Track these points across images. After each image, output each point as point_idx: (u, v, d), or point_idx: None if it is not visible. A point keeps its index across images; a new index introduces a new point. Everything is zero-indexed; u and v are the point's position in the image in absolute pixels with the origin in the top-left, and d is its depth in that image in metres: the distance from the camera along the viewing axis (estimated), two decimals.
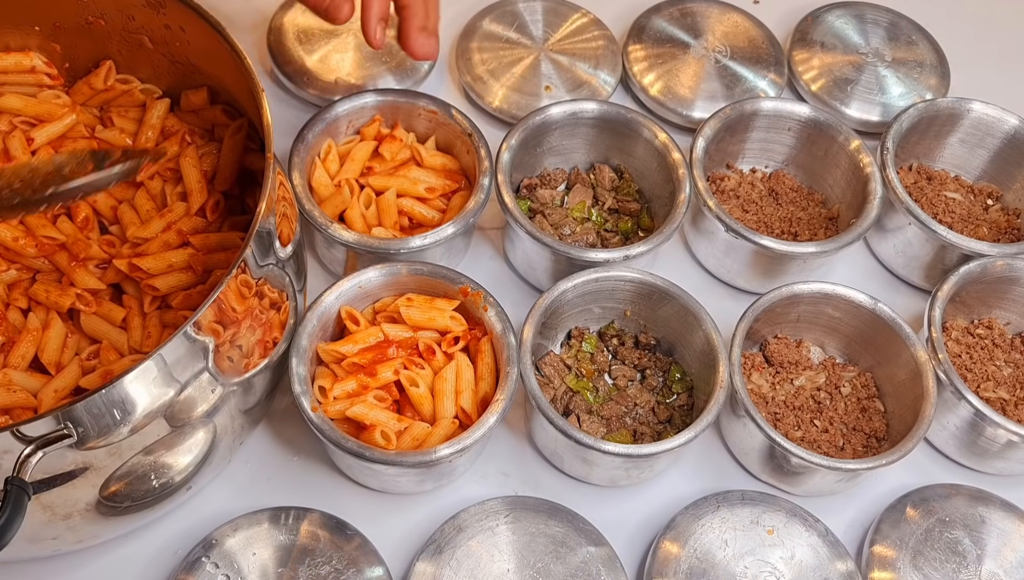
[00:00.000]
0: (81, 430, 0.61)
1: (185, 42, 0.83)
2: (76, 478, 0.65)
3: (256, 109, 0.74)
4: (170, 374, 0.64)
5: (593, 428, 0.84)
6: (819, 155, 1.01)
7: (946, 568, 0.82)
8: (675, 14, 1.14)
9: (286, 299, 0.76)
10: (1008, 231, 1.02)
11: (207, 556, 0.76)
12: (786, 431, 0.87)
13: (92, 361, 0.78)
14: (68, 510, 0.68)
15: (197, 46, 0.83)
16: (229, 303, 0.66)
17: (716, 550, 0.81)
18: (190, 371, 0.66)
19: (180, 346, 0.64)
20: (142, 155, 0.75)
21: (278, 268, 0.73)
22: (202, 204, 0.83)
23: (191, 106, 0.89)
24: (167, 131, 0.88)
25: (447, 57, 1.11)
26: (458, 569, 0.78)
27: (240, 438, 0.77)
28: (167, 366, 0.64)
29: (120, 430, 0.63)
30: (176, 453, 0.70)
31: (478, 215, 0.89)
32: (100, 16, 0.84)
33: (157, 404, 0.64)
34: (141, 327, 0.79)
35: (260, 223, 0.67)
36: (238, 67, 0.76)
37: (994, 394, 0.91)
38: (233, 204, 0.86)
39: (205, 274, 0.80)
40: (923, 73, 1.13)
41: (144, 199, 0.85)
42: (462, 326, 0.83)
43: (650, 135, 0.96)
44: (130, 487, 0.69)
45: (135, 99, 0.89)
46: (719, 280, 0.99)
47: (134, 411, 0.63)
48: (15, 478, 0.59)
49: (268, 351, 0.74)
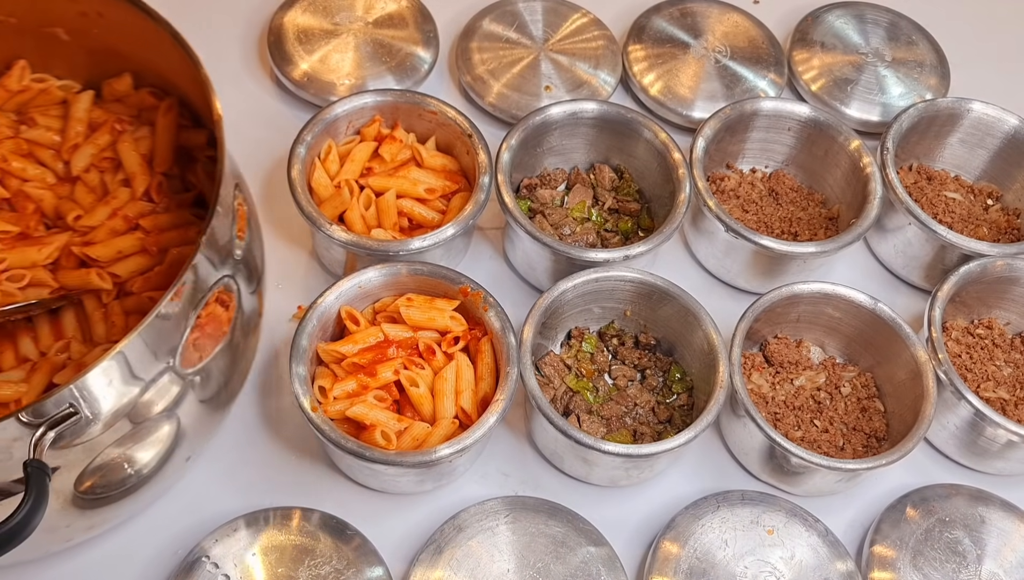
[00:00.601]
0: (86, 407, 0.61)
1: (105, 28, 0.81)
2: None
3: (193, 85, 0.72)
4: (153, 355, 0.64)
5: (593, 428, 0.84)
6: (819, 155, 1.01)
7: (946, 568, 0.82)
8: (675, 14, 1.14)
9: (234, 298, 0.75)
10: (1008, 231, 1.02)
11: (207, 556, 0.76)
12: (786, 431, 0.87)
13: (61, 355, 0.77)
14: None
15: (118, 30, 0.81)
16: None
17: (716, 550, 0.81)
18: (154, 370, 0.65)
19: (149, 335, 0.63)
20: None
21: (228, 278, 0.72)
22: (146, 187, 0.82)
23: (115, 94, 0.86)
24: (94, 123, 0.85)
25: (447, 57, 1.11)
26: (458, 569, 0.78)
27: (201, 433, 0.77)
28: (149, 348, 0.63)
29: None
30: (141, 447, 0.70)
31: (478, 215, 0.89)
32: (10, 14, 0.82)
33: (127, 399, 0.64)
34: (103, 320, 0.78)
35: (207, 237, 0.66)
36: (166, 44, 0.74)
37: (994, 394, 0.91)
38: (175, 184, 0.85)
39: (161, 254, 0.80)
40: (923, 73, 1.13)
41: (84, 192, 0.83)
42: (462, 326, 0.83)
43: (650, 135, 0.96)
44: (103, 480, 0.68)
45: (54, 97, 0.87)
46: (719, 280, 0.99)
47: (100, 411, 0.63)
48: (33, 460, 0.58)
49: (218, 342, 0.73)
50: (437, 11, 1.10)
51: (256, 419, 0.86)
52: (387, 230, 0.90)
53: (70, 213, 0.82)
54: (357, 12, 1.08)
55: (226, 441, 0.84)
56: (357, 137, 0.95)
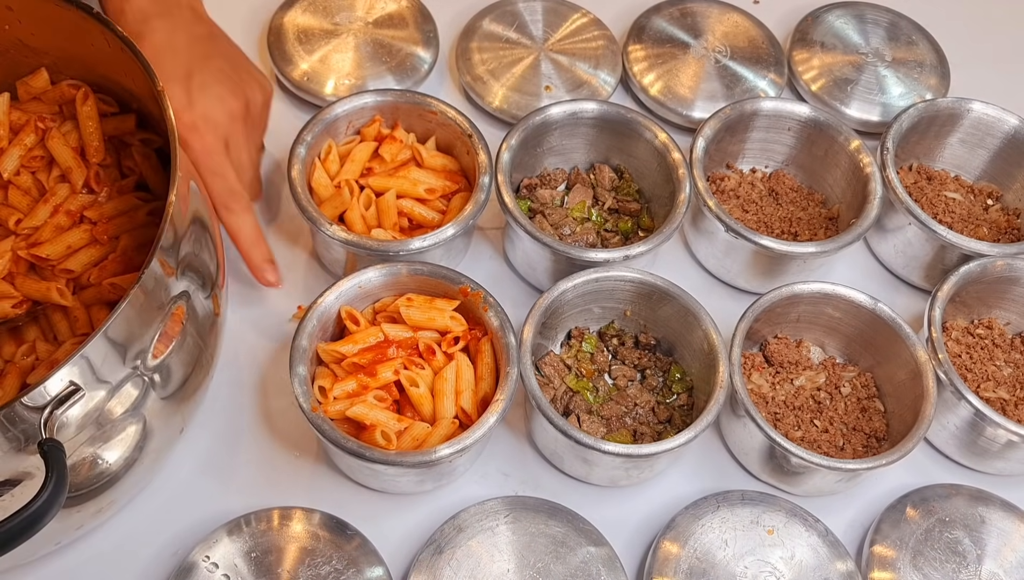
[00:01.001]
0: (86, 384, 0.61)
1: (15, 22, 0.78)
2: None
3: (120, 68, 0.70)
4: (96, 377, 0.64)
5: (593, 428, 0.84)
6: (819, 155, 1.01)
7: (946, 568, 0.82)
8: (675, 14, 1.14)
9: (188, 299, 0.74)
10: (1008, 231, 1.02)
11: (207, 556, 0.76)
12: (786, 431, 0.87)
13: (29, 358, 0.77)
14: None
15: (29, 23, 0.78)
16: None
17: (716, 550, 0.81)
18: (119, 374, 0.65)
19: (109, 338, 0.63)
20: None
21: (181, 278, 0.71)
22: (84, 179, 0.81)
23: (32, 92, 0.84)
24: (15, 125, 0.83)
25: (447, 57, 1.11)
26: (458, 569, 0.78)
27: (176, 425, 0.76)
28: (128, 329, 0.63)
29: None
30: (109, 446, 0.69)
31: (478, 215, 0.89)
32: None
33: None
34: (65, 318, 0.78)
35: (160, 243, 0.65)
36: (84, 29, 0.72)
37: (994, 394, 0.91)
38: (112, 172, 0.84)
39: (113, 242, 0.79)
40: (923, 73, 1.13)
41: (18, 195, 0.82)
42: (462, 326, 0.83)
43: (650, 135, 0.96)
44: (79, 478, 0.68)
45: None
46: (719, 280, 0.99)
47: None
48: (48, 439, 0.58)
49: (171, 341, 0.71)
50: (437, 11, 1.10)
51: (255, 419, 0.86)
52: (387, 230, 0.90)
53: (9, 218, 0.80)
54: (357, 12, 1.08)
55: (226, 441, 0.84)
56: (357, 137, 0.95)
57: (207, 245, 0.74)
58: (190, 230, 0.71)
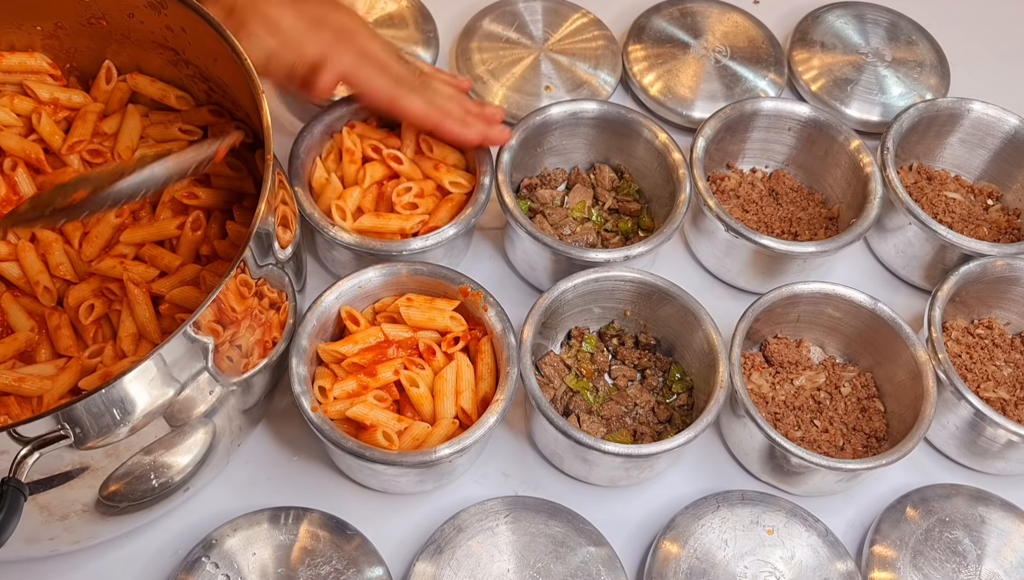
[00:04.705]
0: (79, 431, 0.61)
1: (187, 43, 0.83)
2: (74, 479, 0.65)
3: (256, 110, 0.74)
4: (169, 374, 0.64)
5: (593, 428, 0.84)
6: (819, 155, 1.01)
7: (946, 568, 0.82)
8: (675, 14, 1.14)
9: (285, 299, 0.76)
10: (1008, 231, 1.02)
11: (207, 556, 0.76)
12: (786, 431, 0.87)
13: (94, 359, 0.78)
14: (65, 510, 0.68)
15: (198, 47, 0.82)
16: (228, 303, 0.66)
17: (716, 550, 0.81)
18: (189, 371, 0.66)
19: (179, 346, 0.64)
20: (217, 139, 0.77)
21: (278, 268, 0.73)
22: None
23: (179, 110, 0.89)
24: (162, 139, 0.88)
25: (447, 57, 1.11)
26: (458, 569, 0.78)
27: (239, 438, 0.77)
28: (166, 366, 0.64)
29: (119, 430, 0.63)
30: (175, 453, 0.70)
31: (478, 215, 0.89)
32: (102, 16, 0.84)
33: (156, 404, 0.64)
34: (131, 319, 0.79)
35: (259, 224, 0.67)
36: (238, 68, 0.75)
37: (994, 394, 0.91)
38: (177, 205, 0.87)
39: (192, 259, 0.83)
40: (923, 73, 1.13)
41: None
42: (462, 326, 0.83)
43: (650, 135, 0.96)
44: (129, 487, 0.69)
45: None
46: (719, 280, 0.99)
47: (133, 411, 0.63)
48: (12, 479, 0.59)
49: (267, 351, 0.74)
50: (437, 11, 1.10)
51: None
52: (391, 216, 0.89)
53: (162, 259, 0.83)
54: (357, 12, 1.08)
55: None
56: (357, 137, 0.95)
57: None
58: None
